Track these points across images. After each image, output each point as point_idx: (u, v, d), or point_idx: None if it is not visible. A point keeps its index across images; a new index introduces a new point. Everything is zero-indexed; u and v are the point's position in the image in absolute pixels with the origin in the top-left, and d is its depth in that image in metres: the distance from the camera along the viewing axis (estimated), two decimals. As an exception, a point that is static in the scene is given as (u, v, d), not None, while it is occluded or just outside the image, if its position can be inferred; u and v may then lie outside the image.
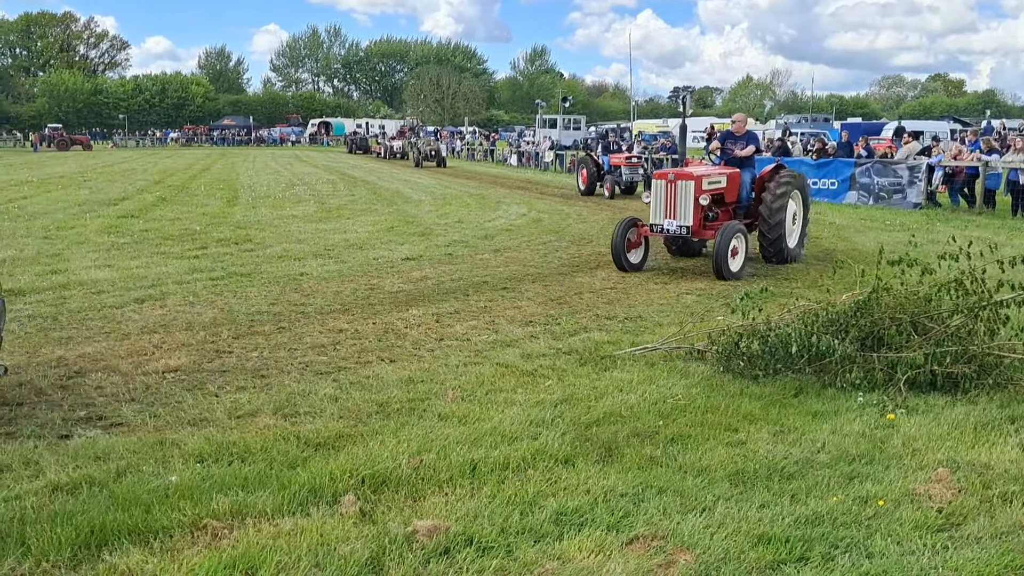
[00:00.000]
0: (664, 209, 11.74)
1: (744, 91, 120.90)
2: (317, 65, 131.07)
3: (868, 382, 6.18)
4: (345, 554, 3.76)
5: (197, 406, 5.91)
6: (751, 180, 12.74)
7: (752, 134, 13.07)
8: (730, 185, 12.34)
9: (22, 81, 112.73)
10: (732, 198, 12.46)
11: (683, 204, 11.59)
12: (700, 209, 11.57)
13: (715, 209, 12.09)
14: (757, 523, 4.11)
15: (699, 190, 11.55)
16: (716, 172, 12.26)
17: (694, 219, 11.55)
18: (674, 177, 11.74)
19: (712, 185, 11.92)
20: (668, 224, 11.68)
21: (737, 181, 12.50)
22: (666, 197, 11.72)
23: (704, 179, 11.76)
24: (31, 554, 3.75)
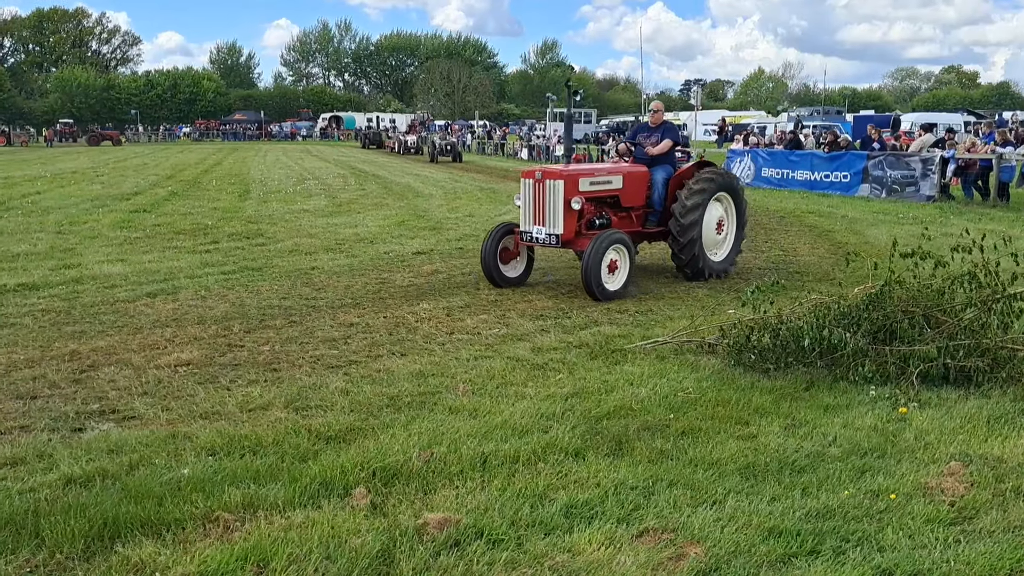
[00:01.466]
0: (533, 214, 10.03)
1: (756, 84, 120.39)
2: (328, 59, 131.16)
3: (880, 376, 6.15)
4: (356, 546, 3.78)
5: (209, 399, 5.94)
6: (665, 180, 10.77)
7: (670, 126, 11.23)
8: (630, 186, 10.51)
9: (35, 77, 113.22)
10: (634, 201, 10.67)
11: (552, 208, 9.82)
12: (572, 214, 9.81)
13: (605, 214, 10.34)
14: (768, 516, 4.10)
15: (572, 191, 9.77)
16: (603, 170, 10.48)
17: (565, 226, 9.78)
18: (541, 176, 9.94)
19: (597, 186, 10.13)
20: (537, 232, 9.98)
21: (642, 181, 10.70)
22: (535, 200, 9.97)
23: (581, 179, 9.97)
24: (45, 546, 3.78)
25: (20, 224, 16.03)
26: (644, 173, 10.72)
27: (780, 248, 13.64)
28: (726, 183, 10.95)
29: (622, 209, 10.59)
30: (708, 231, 10.70)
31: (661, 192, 10.71)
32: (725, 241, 11.14)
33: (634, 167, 10.79)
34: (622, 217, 10.62)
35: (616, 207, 10.54)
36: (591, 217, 10.16)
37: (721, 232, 11.03)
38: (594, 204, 10.22)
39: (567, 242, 9.92)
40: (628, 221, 10.67)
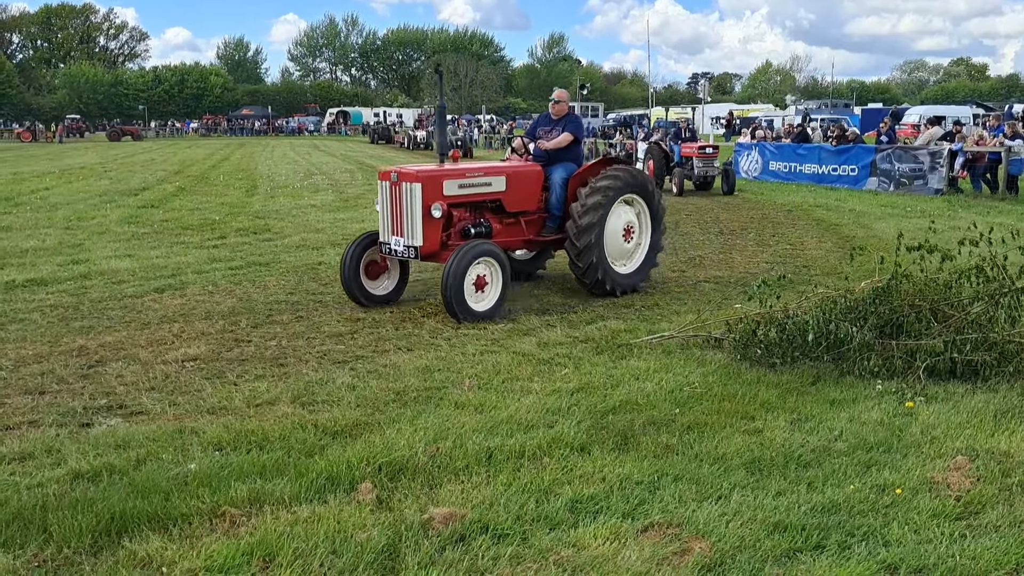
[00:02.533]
0: (391, 222, 8.54)
1: (763, 77, 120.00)
2: (335, 54, 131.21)
3: (887, 370, 6.14)
4: (362, 541, 3.79)
5: (216, 395, 5.96)
6: (564, 181, 9.36)
7: (573, 118, 9.85)
8: (516, 188, 9.07)
9: (43, 73, 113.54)
10: (523, 205, 9.27)
11: (409, 216, 8.33)
12: (434, 223, 8.35)
13: (484, 221, 8.98)
14: (773, 511, 4.10)
15: (432, 196, 8.33)
16: (478, 171, 8.95)
17: (425, 236, 8.30)
18: (397, 177, 8.41)
19: (470, 189, 8.73)
20: (395, 243, 8.50)
21: (532, 182, 9.30)
22: (391, 206, 8.50)
23: (446, 181, 8.51)
24: (53, 540, 3.81)
25: (29, 220, 16.09)
26: (535, 173, 9.33)
27: (787, 242, 13.61)
28: (636, 183, 9.50)
29: (508, 215, 9.19)
30: (613, 238, 9.33)
31: (559, 194, 9.30)
32: (636, 252, 9.72)
33: (521, 166, 9.41)
34: (508, 224, 9.22)
35: (500, 213, 9.14)
36: (465, 225, 8.81)
37: (630, 240, 9.59)
38: (470, 210, 8.92)
39: (428, 255, 8.49)
40: (516, 228, 9.28)
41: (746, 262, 11.75)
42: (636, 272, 9.67)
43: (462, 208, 8.84)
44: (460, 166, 8.96)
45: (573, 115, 9.78)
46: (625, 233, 9.51)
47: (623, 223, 9.47)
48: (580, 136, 9.68)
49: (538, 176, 9.36)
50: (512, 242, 9.32)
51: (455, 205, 8.69)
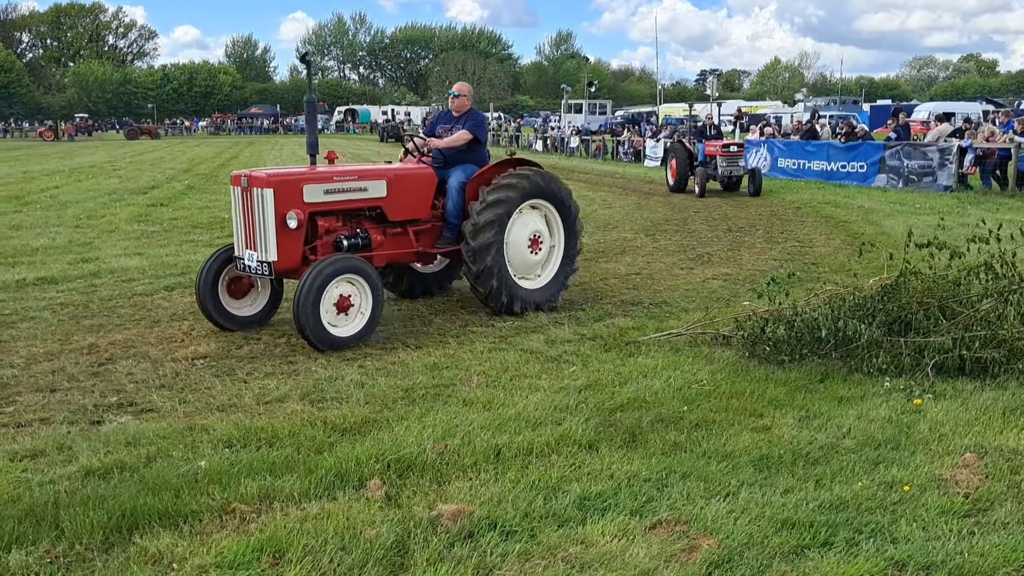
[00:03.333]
0: (244, 234, 7.45)
1: (772, 74, 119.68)
2: (343, 52, 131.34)
3: (895, 367, 6.13)
4: (371, 537, 3.81)
5: (226, 392, 5.99)
6: (461, 185, 8.28)
7: (475, 115, 8.73)
8: (399, 194, 7.92)
9: (52, 72, 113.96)
10: (411, 213, 8.12)
11: (261, 227, 7.22)
12: (291, 235, 7.20)
13: (362, 232, 7.82)
14: (781, 508, 4.11)
15: (288, 203, 7.18)
16: (350, 173, 7.71)
17: (279, 251, 7.17)
18: (248, 182, 7.30)
19: (340, 195, 7.56)
20: (249, 258, 7.40)
21: (421, 187, 8.15)
22: (244, 214, 7.42)
23: (307, 186, 7.34)
24: (65, 537, 3.83)
25: (39, 218, 16.16)
26: (424, 176, 8.22)
27: (796, 239, 13.58)
28: (543, 188, 8.42)
29: (393, 224, 8.07)
30: (517, 249, 8.30)
31: (456, 199, 8.23)
32: (547, 264, 8.68)
33: (407, 168, 8.35)
34: (393, 235, 8.09)
35: (383, 222, 8.03)
36: (337, 237, 7.68)
37: (538, 251, 8.50)
38: (342, 219, 7.81)
39: (285, 272, 7.39)
40: (403, 240, 8.16)
41: (754, 259, 11.74)
42: (547, 287, 8.59)
43: (332, 217, 7.67)
44: (329, 168, 7.73)
45: (476, 112, 8.80)
46: (532, 243, 8.44)
47: (529, 232, 8.41)
48: (481, 135, 8.61)
49: (429, 180, 8.23)
50: (398, 255, 8.19)
51: (321, 213, 7.55)
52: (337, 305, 7.09)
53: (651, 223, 15.77)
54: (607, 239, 13.72)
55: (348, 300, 7.15)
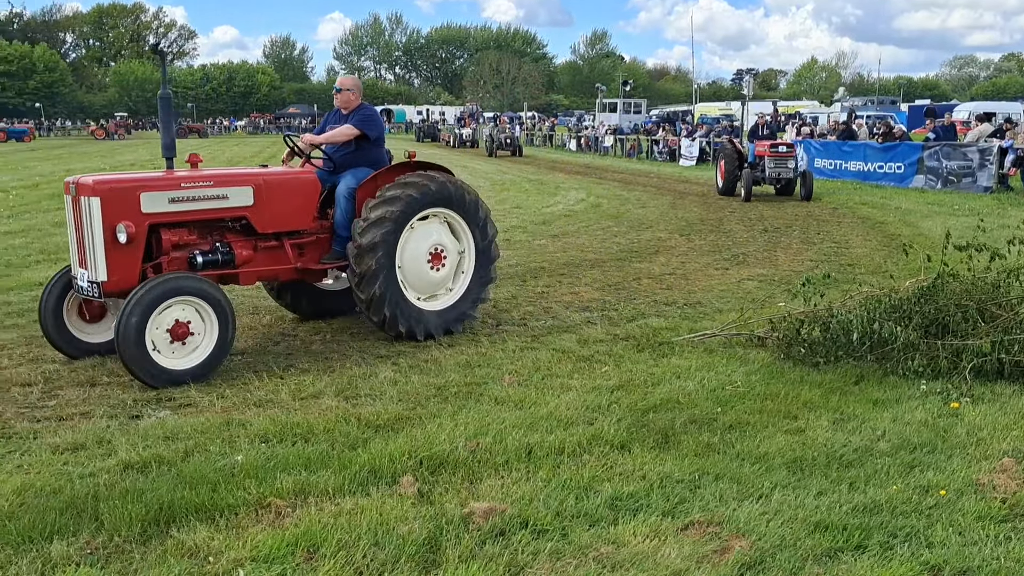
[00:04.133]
0: (77, 250, 6.55)
1: (808, 73, 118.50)
2: (379, 53, 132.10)
3: (932, 370, 6.06)
4: (403, 533, 3.85)
5: (263, 387, 6.07)
6: (350, 192, 7.26)
7: (364, 110, 7.65)
8: (270, 202, 6.88)
9: (94, 71, 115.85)
10: (287, 224, 7.06)
11: (90, 241, 6.31)
12: (122, 251, 6.26)
13: (223, 246, 6.85)
14: (814, 511, 4.08)
15: (118, 213, 6.24)
16: (204, 179, 6.74)
17: (110, 269, 6.25)
18: (76, 190, 6.42)
19: (191, 203, 6.57)
20: (81, 277, 6.51)
21: (302, 194, 7.12)
22: (75, 227, 6.55)
23: (146, 193, 6.38)
24: (104, 529, 3.91)
25: (80, 216, 16.40)
26: (304, 182, 7.19)
27: (832, 240, 13.45)
28: (443, 194, 7.39)
29: (265, 237, 7.03)
30: (413, 265, 7.31)
31: (346, 208, 7.23)
32: (453, 282, 7.66)
33: (280, 172, 7.32)
34: (266, 249, 7.07)
35: (251, 234, 7.01)
36: (191, 253, 6.70)
37: (439, 268, 7.47)
38: (198, 232, 6.81)
39: (117, 294, 6.35)
40: (278, 255, 7.13)
41: (790, 260, 11.65)
42: (453, 308, 7.58)
43: (182, 229, 6.67)
44: (177, 173, 6.88)
45: (365, 107, 7.71)
46: (432, 259, 7.40)
47: (428, 245, 7.37)
48: (371, 131, 7.48)
49: (309, 186, 7.18)
50: (273, 272, 7.22)
51: (166, 225, 6.55)
52: (172, 333, 6.12)
53: (686, 223, 15.69)
54: (641, 239, 13.68)
55: (185, 327, 6.17)
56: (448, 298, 7.61)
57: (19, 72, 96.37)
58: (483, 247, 7.73)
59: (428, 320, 7.40)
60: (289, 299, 8.17)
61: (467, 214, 7.60)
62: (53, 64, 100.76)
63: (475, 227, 7.67)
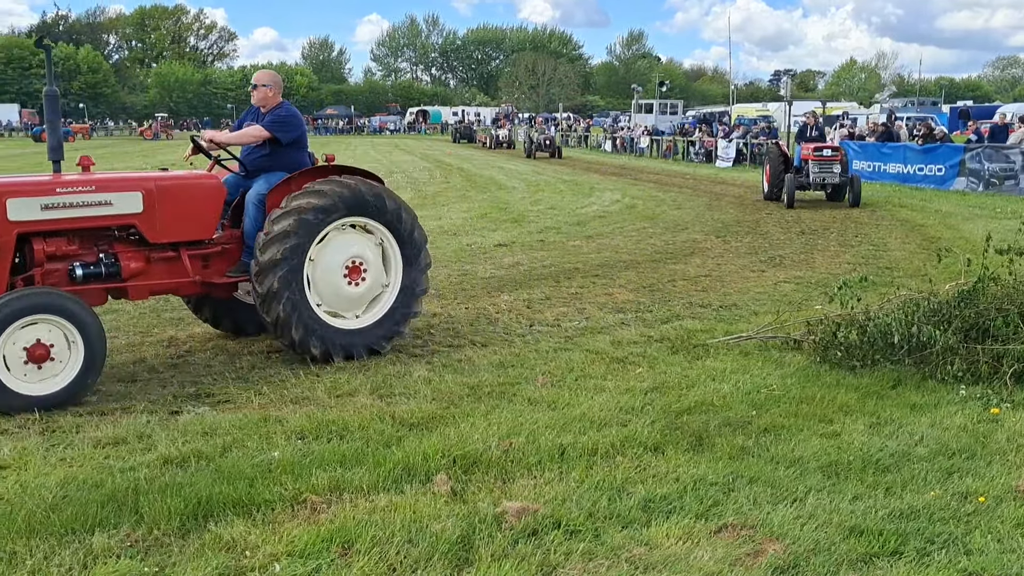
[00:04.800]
0: None
1: (847, 74, 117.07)
2: (416, 54, 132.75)
3: (971, 375, 5.98)
4: (437, 531, 3.87)
5: (299, 385, 6.14)
6: (260, 199, 6.69)
7: (281, 109, 6.97)
8: (165, 209, 6.29)
9: (137, 72, 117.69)
10: (184, 233, 6.46)
11: None
12: None
13: (108, 257, 6.25)
14: (850, 515, 4.05)
15: None
16: (81, 184, 6.11)
17: None
18: None
19: (61, 212, 5.99)
20: None
21: (202, 201, 6.54)
22: None
23: (13, 199, 5.82)
24: (144, 522, 3.98)
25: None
26: (203, 186, 6.61)
27: (870, 243, 13.29)
28: (360, 202, 6.69)
29: (157, 247, 6.42)
30: (327, 280, 6.66)
31: (255, 216, 6.64)
32: (373, 298, 6.95)
33: (176, 176, 6.74)
34: (160, 260, 6.45)
35: (142, 245, 6.41)
36: (71, 264, 6.14)
37: (359, 282, 6.79)
38: (79, 241, 6.25)
39: None
40: (175, 267, 6.50)
41: (827, 263, 11.53)
42: (378, 325, 6.90)
43: (59, 239, 6.10)
44: (68, 177, 6.25)
45: (284, 105, 7.03)
46: (350, 272, 6.74)
47: (344, 258, 6.72)
48: (285, 134, 6.85)
49: (210, 191, 6.58)
50: (169, 286, 6.59)
51: (39, 234, 6.01)
52: (29, 354, 5.53)
53: (722, 224, 15.60)
54: (676, 240, 13.62)
55: (45, 348, 5.58)
56: (371, 314, 6.93)
57: (64, 73, 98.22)
58: (411, 257, 7.04)
59: (347, 339, 6.74)
60: (209, 314, 7.50)
61: (390, 223, 6.91)
62: (97, 65, 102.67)
63: (400, 236, 6.97)
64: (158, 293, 6.81)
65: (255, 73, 7.27)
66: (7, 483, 4.45)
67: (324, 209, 6.51)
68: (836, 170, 18.43)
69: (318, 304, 6.64)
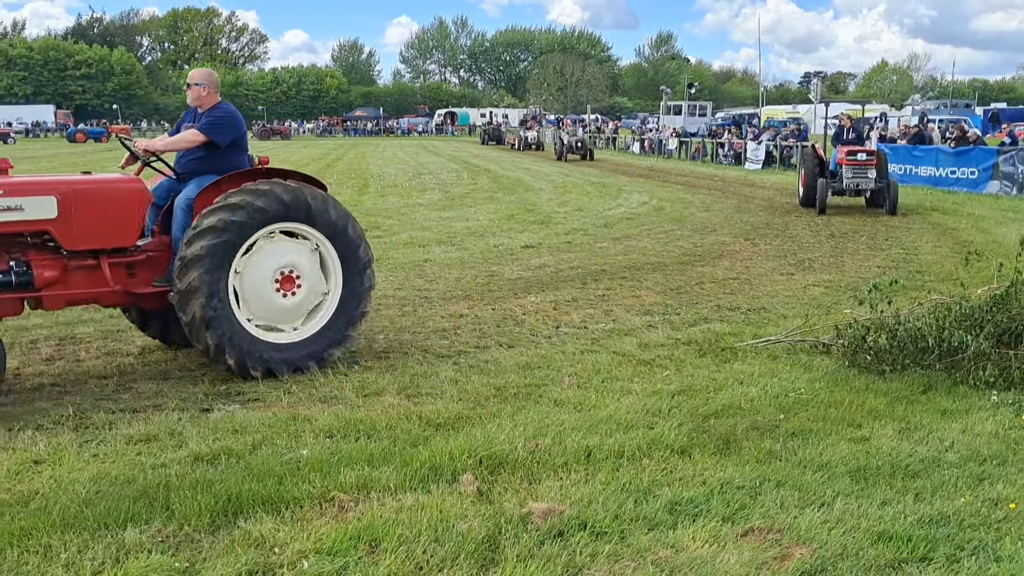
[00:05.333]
0: None
1: (879, 76, 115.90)
2: (444, 56, 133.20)
3: (1003, 380, 5.91)
4: (463, 531, 3.90)
5: (327, 384, 6.19)
6: (188, 204, 6.29)
7: (219, 109, 6.60)
8: (83, 214, 5.91)
9: (169, 74, 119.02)
10: (104, 240, 6.06)
11: None
12: None
13: (19, 265, 5.88)
14: (878, 520, 4.02)
15: None
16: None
17: None
18: None
19: None
20: None
21: (124, 205, 6.14)
22: None
23: None
24: (175, 518, 4.04)
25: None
26: (124, 190, 6.21)
27: (900, 246, 13.16)
28: (300, 209, 6.29)
29: (74, 255, 6.02)
30: (255, 290, 6.25)
31: (183, 222, 6.24)
32: (313, 309, 6.54)
33: (95, 180, 6.35)
34: (79, 269, 6.05)
35: (57, 252, 6.01)
36: None
37: (292, 294, 6.37)
38: None
39: None
40: (94, 276, 6.09)
41: (857, 266, 11.44)
42: (309, 342, 6.46)
43: None
44: None
45: (222, 106, 6.66)
46: (281, 282, 6.33)
47: (276, 267, 6.30)
48: (222, 136, 6.48)
49: (132, 196, 6.19)
50: (88, 296, 6.21)
51: None
52: None
53: (750, 227, 15.51)
54: (704, 243, 13.56)
55: None
56: (303, 330, 6.48)
57: (98, 74, 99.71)
58: (354, 273, 6.58)
59: (271, 354, 6.27)
60: (157, 329, 7.09)
61: (332, 234, 6.46)
62: (130, 67, 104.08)
63: (343, 250, 6.53)
64: (76, 303, 6.41)
65: (190, 71, 6.88)
66: (42, 478, 4.53)
67: (258, 211, 6.11)
68: (871, 175, 17.28)
69: (242, 312, 6.23)
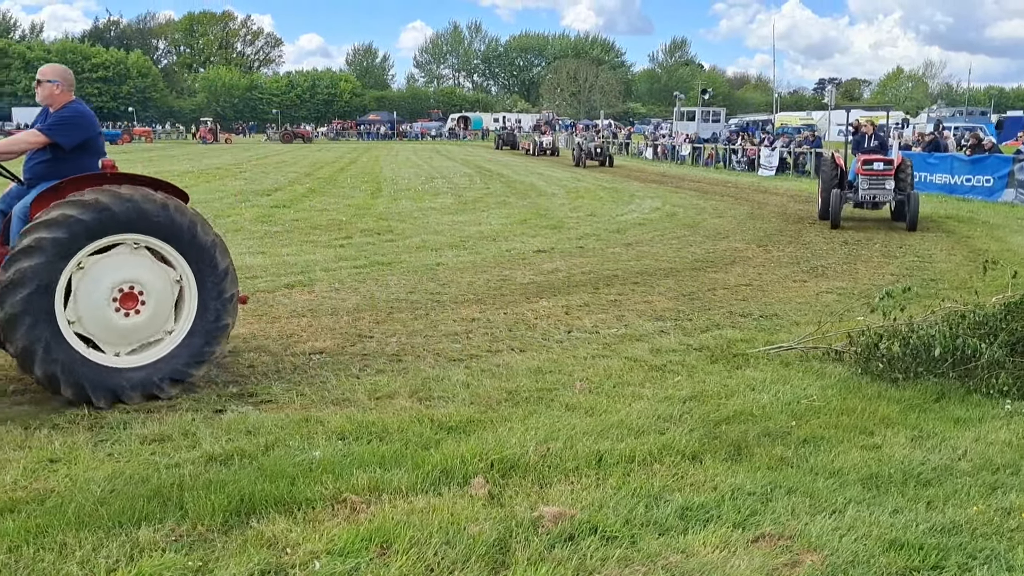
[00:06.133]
0: None
1: (894, 83, 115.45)
2: (458, 61, 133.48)
3: (1017, 389, 5.88)
4: (474, 534, 3.91)
5: (340, 387, 6.21)
6: (24, 211, 5.82)
7: (68, 108, 5.99)
8: None
9: (184, 77, 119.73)
10: None
11: None
12: None
13: None
14: (889, 528, 4.01)
15: None
16: None
17: None
18: None
19: None
20: None
21: None
22: None
23: None
24: (188, 517, 4.06)
25: (169, 217, 16.95)
26: None
27: (914, 254, 13.12)
28: (138, 217, 5.69)
29: None
30: (91, 308, 5.64)
31: (19, 230, 5.72)
32: (161, 329, 5.94)
33: None
34: None
35: None
36: None
37: (134, 312, 5.78)
38: None
39: None
40: None
41: (871, 273, 11.41)
42: (162, 363, 5.88)
43: None
44: None
45: (72, 105, 6.04)
46: (122, 299, 5.73)
47: (114, 282, 5.69)
48: (66, 140, 5.88)
49: None
50: None
51: None
52: None
53: (763, 234, 15.48)
54: (717, 249, 13.54)
55: None
56: (158, 349, 5.91)
57: (114, 77, 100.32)
58: (209, 286, 6.04)
59: (115, 379, 5.69)
60: None
61: (180, 244, 5.91)
62: (146, 70, 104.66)
63: (194, 261, 5.99)
64: None
65: (41, 68, 6.19)
66: (57, 476, 4.57)
67: (83, 224, 5.50)
68: (889, 186, 16.24)
69: (77, 337, 5.63)
